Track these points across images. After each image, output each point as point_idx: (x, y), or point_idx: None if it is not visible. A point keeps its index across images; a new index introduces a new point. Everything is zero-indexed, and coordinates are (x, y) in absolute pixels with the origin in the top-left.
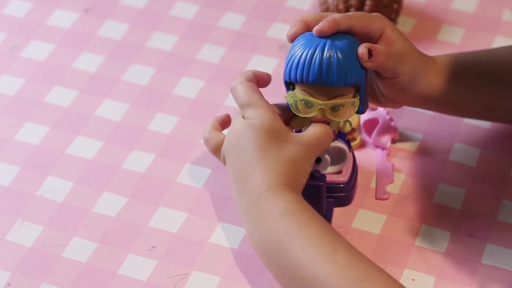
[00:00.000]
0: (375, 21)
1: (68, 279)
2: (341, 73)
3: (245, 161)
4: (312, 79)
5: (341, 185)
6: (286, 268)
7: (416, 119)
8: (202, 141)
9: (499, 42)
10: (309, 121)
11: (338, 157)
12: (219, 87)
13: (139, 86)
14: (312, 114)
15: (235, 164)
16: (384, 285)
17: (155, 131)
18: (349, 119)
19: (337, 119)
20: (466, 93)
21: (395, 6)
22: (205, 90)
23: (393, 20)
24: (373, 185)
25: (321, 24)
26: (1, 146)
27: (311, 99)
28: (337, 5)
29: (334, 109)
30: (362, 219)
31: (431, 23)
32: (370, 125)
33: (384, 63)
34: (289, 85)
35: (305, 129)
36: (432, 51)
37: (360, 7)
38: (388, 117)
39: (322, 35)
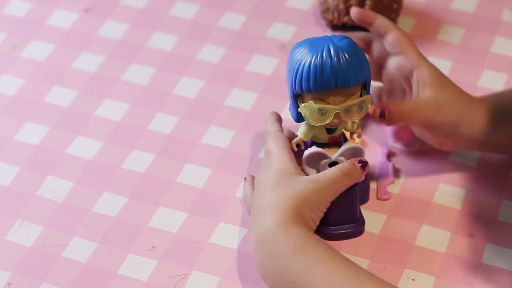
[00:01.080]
0: (408, 61)
1: (68, 279)
2: (353, 73)
3: (258, 203)
4: (327, 85)
5: (360, 184)
6: None
7: None
8: (241, 196)
9: (499, 42)
10: (318, 129)
11: (354, 157)
12: (219, 87)
13: (139, 86)
14: (327, 121)
15: (253, 208)
16: None
17: (155, 131)
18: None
19: (351, 119)
20: None
21: (395, 6)
22: (205, 90)
23: (393, 20)
24: (373, 185)
25: None
26: (1, 146)
27: (327, 106)
28: (337, 5)
29: (348, 110)
30: None
31: (431, 23)
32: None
33: (400, 122)
34: (297, 97)
35: (314, 139)
36: (432, 51)
37: (360, 7)
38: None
39: None
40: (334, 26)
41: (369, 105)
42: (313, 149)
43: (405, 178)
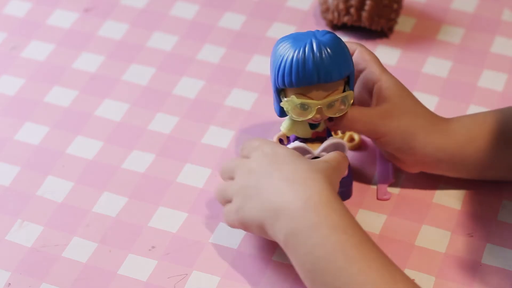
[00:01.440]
0: (371, 76)
1: (68, 279)
2: (335, 68)
3: (277, 178)
4: (309, 80)
5: (343, 180)
6: None
7: None
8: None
9: (499, 42)
10: (301, 124)
11: None
12: (219, 87)
13: (139, 86)
14: (309, 116)
15: (263, 186)
16: None
17: (155, 131)
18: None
19: (333, 115)
20: (485, 154)
21: (395, 6)
22: (205, 90)
23: (393, 20)
24: (373, 185)
25: None
26: (1, 146)
27: (309, 101)
28: (337, 5)
29: (330, 105)
30: (362, 219)
31: (431, 23)
32: None
33: (344, 127)
34: (280, 91)
35: (297, 134)
36: (432, 51)
37: (360, 7)
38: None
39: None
40: (334, 26)
41: (352, 101)
42: (295, 143)
43: (405, 178)
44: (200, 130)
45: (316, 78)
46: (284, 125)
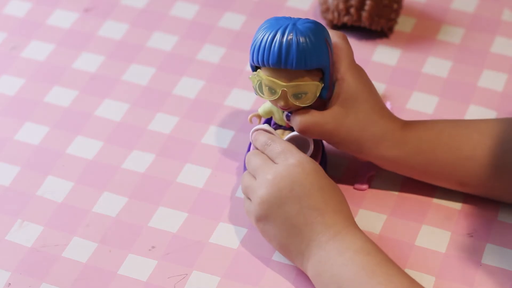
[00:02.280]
0: (339, 68)
1: (68, 279)
2: (301, 57)
3: (307, 206)
4: (272, 62)
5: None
6: None
7: (416, 119)
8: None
9: (499, 42)
10: (277, 111)
11: (297, 146)
12: (219, 87)
13: (139, 86)
14: (275, 97)
15: (291, 212)
16: None
17: (155, 131)
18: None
19: (300, 105)
20: (433, 167)
21: (395, 6)
22: (205, 90)
23: (393, 20)
24: (373, 185)
25: None
26: (1, 146)
27: (273, 79)
28: (337, 5)
29: (297, 96)
30: (362, 219)
31: (431, 23)
32: None
33: (301, 132)
34: (255, 69)
35: (274, 120)
36: (432, 51)
37: (360, 7)
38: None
39: None
40: (334, 26)
41: (318, 94)
42: (262, 125)
43: (404, 178)
44: (200, 130)
45: (279, 61)
46: (262, 107)
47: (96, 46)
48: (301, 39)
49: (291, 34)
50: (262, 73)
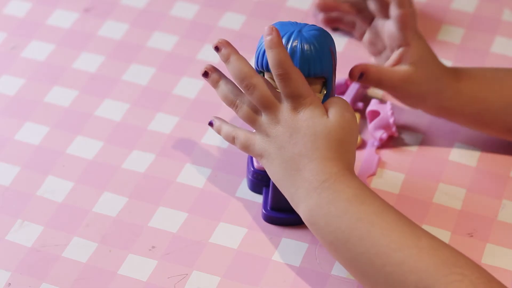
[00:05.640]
0: (398, 36)
1: (68, 279)
2: (304, 64)
3: (298, 153)
4: None
5: None
6: (363, 255)
7: (416, 119)
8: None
9: (499, 42)
10: None
11: None
12: None
13: (139, 86)
14: None
15: (285, 156)
16: (471, 268)
17: (155, 131)
18: None
19: None
20: (486, 111)
21: None
22: (205, 90)
23: None
24: (373, 185)
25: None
26: (1, 146)
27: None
28: None
29: None
30: None
31: (431, 23)
32: (373, 115)
33: (375, 85)
34: (259, 73)
35: None
36: None
37: None
38: (389, 112)
39: None
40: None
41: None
42: None
43: (405, 178)
44: (200, 130)
45: None
46: None
47: (96, 46)
48: (306, 47)
49: (296, 41)
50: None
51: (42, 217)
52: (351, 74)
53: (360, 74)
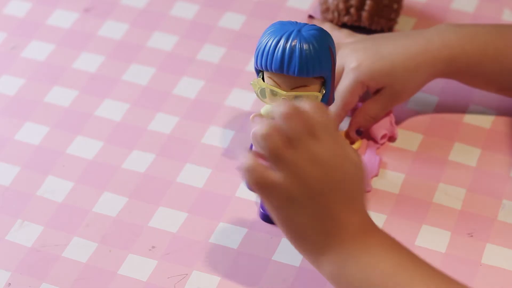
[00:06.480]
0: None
1: (68, 279)
2: (303, 64)
3: (333, 201)
4: (275, 67)
5: None
6: None
7: (416, 119)
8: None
9: None
10: None
11: None
12: (219, 87)
13: (139, 86)
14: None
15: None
16: None
17: (155, 131)
18: None
19: None
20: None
21: (395, 6)
22: (205, 90)
23: (393, 20)
24: (373, 185)
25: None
26: (1, 146)
27: (274, 88)
28: (337, 5)
29: (297, 99)
30: None
31: (431, 23)
32: None
33: (374, 123)
34: (259, 72)
35: None
36: None
37: (360, 7)
38: (389, 113)
39: None
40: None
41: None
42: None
43: (405, 178)
44: (200, 130)
45: (281, 67)
46: (264, 107)
47: (96, 46)
48: (305, 46)
49: (295, 41)
50: (262, 82)
51: (42, 217)
52: (348, 137)
53: (357, 132)
